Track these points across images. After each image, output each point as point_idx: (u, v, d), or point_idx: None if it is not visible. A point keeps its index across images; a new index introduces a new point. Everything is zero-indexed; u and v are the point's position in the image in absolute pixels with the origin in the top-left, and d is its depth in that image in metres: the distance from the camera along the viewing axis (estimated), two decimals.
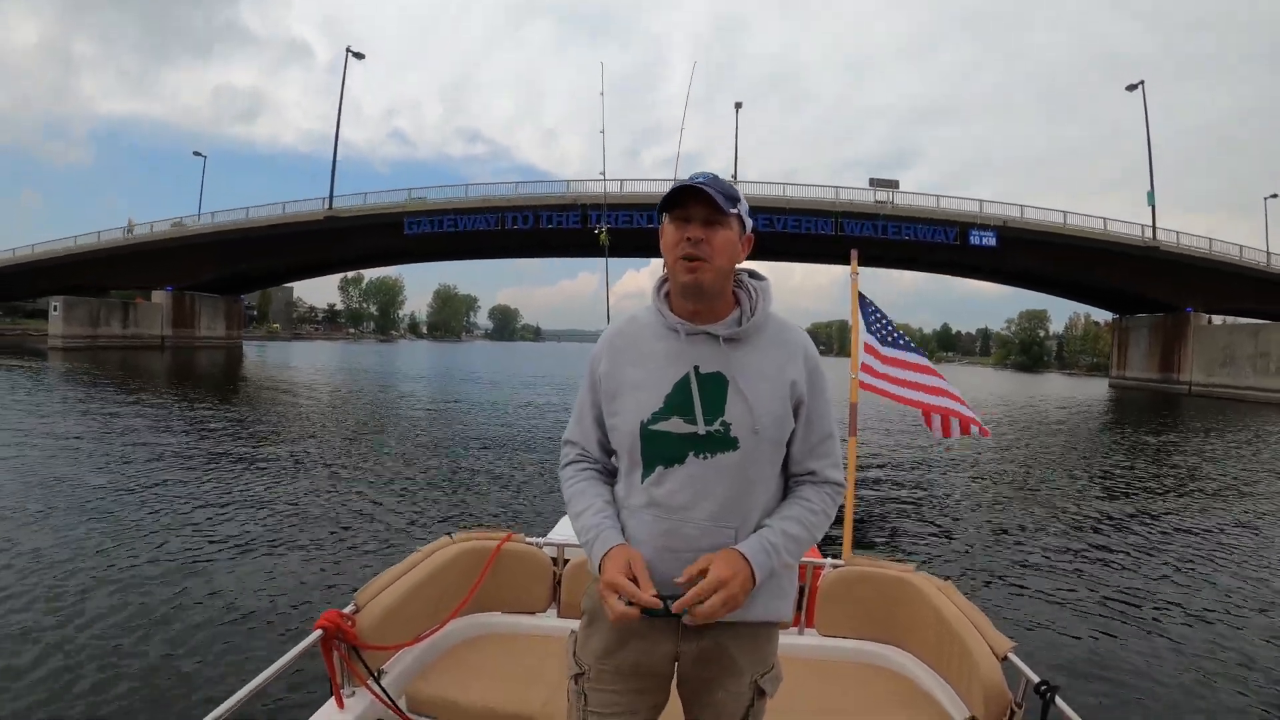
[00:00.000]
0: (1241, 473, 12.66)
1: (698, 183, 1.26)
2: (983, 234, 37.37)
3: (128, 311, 46.16)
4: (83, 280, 44.62)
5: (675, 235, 1.29)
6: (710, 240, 1.27)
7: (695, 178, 1.29)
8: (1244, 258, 40.10)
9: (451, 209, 40.03)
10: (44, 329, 60.87)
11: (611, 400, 1.37)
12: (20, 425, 12.51)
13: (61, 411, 15.04)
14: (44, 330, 60.25)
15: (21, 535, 6.17)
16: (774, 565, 1.27)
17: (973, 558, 6.82)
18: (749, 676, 1.36)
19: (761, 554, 1.25)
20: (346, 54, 45.38)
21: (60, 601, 4.71)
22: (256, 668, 1.82)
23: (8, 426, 12.31)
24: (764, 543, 1.27)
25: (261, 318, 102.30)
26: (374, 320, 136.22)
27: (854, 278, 3.49)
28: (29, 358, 33.17)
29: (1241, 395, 35.68)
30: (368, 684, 1.90)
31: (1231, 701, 4.06)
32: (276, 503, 7.76)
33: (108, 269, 44.42)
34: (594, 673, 1.38)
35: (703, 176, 1.30)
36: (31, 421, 13.12)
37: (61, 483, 8.22)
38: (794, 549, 1.31)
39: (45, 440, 11.08)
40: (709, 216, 1.28)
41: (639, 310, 1.44)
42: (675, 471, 1.29)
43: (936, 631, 2.18)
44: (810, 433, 1.36)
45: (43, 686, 3.62)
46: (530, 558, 2.50)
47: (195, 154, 53.78)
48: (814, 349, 1.40)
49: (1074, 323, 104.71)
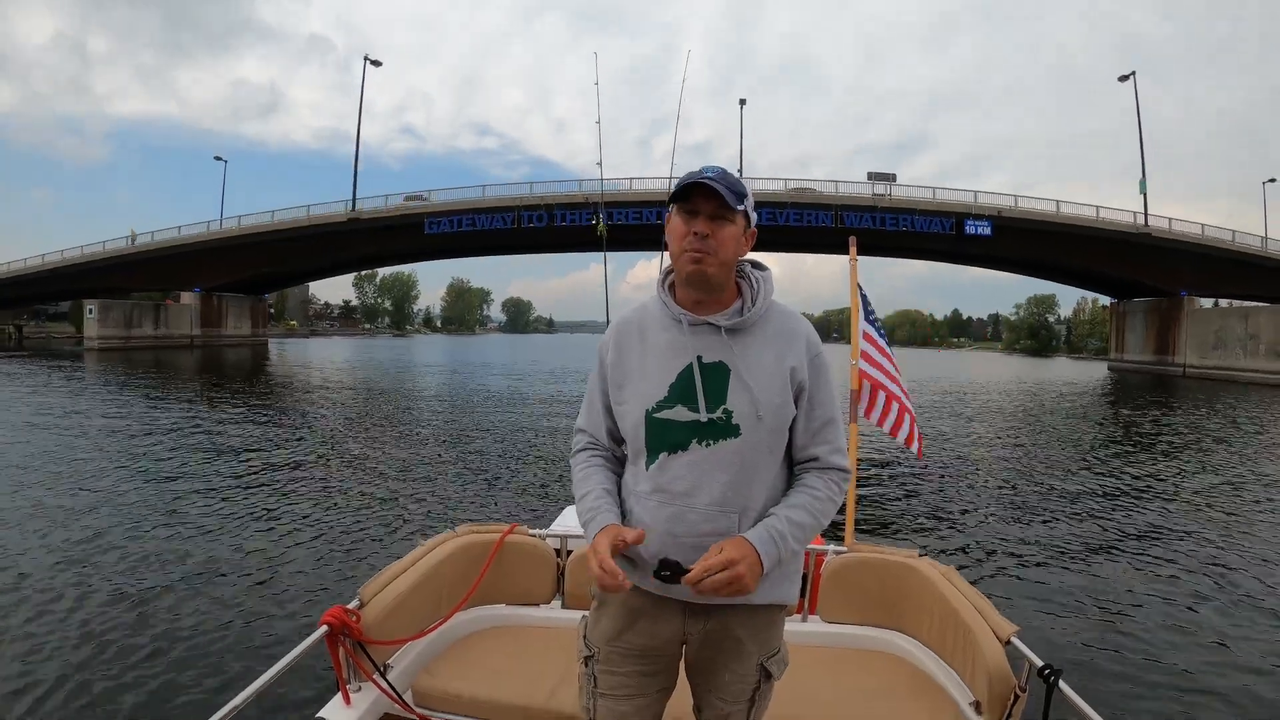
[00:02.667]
0: (1239, 454, 12.73)
1: (706, 178, 1.28)
2: (978, 224, 38.55)
3: (159, 313, 47.71)
4: (110, 284, 45.93)
5: (682, 228, 1.32)
6: (716, 235, 1.30)
7: (705, 171, 1.31)
8: (1236, 242, 41.01)
9: (470, 209, 41.55)
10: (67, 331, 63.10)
11: (618, 389, 1.41)
12: (30, 421, 12.97)
13: (109, 406, 15.68)
14: (67, 333, 62.59)
15: (29, 530, 6.33)
16: (781, 553, 1.29)
17: (976, 543, 6.85)
18: (755, 659, 1.39)
19: (769, 543, 1.27)
20: (364, 63, 47.12)
21: (62, 598, 4.75)
22: (262, 664, 1.84)
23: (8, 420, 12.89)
24: (770, 531, 1.29)
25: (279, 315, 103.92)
26: (389, 315, 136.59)
27: (853, 264, 3.49)
28: (68, 360, 33.90)
29: (1233, 376, 36.68)
30: (374, 679, 1.91)
31: (1236, 681, 4.05)
32: (282, 497, 7.83)
33: (137, 272, 45.86)
34: (603, 655, 1.41)
35: (712, 171, 1.31)
36: (46, 419, 13.39)
37: (71, 481, 8.26)
38: (801, 536, 1.32)
39: (51, 433, 11.52)
40: (716, 212, 1.30)
41: (647, 300, 1.46)
42: (679, 458, 1.32)
43: (940, 617, 2.20)
44: (812, 418, 1.38)
45: (48, 684, 3.63)
46: (534, 549, 2.53)
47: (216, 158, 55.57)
48: (816, 336, 1.41)
49: (1081, 307, 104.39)
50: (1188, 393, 28.48)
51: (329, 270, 56.33)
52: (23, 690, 3.57)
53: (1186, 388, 31.76)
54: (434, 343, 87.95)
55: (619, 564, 1.28)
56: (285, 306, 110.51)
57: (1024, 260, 43.79)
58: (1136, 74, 44.90)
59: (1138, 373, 43.28)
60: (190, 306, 48.68)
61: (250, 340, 52.60)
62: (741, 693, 1.39)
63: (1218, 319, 40.61)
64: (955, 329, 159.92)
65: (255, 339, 53.63)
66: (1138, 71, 44.98)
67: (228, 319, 50.55)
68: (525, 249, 48.36)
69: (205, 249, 44.86)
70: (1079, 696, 1.63)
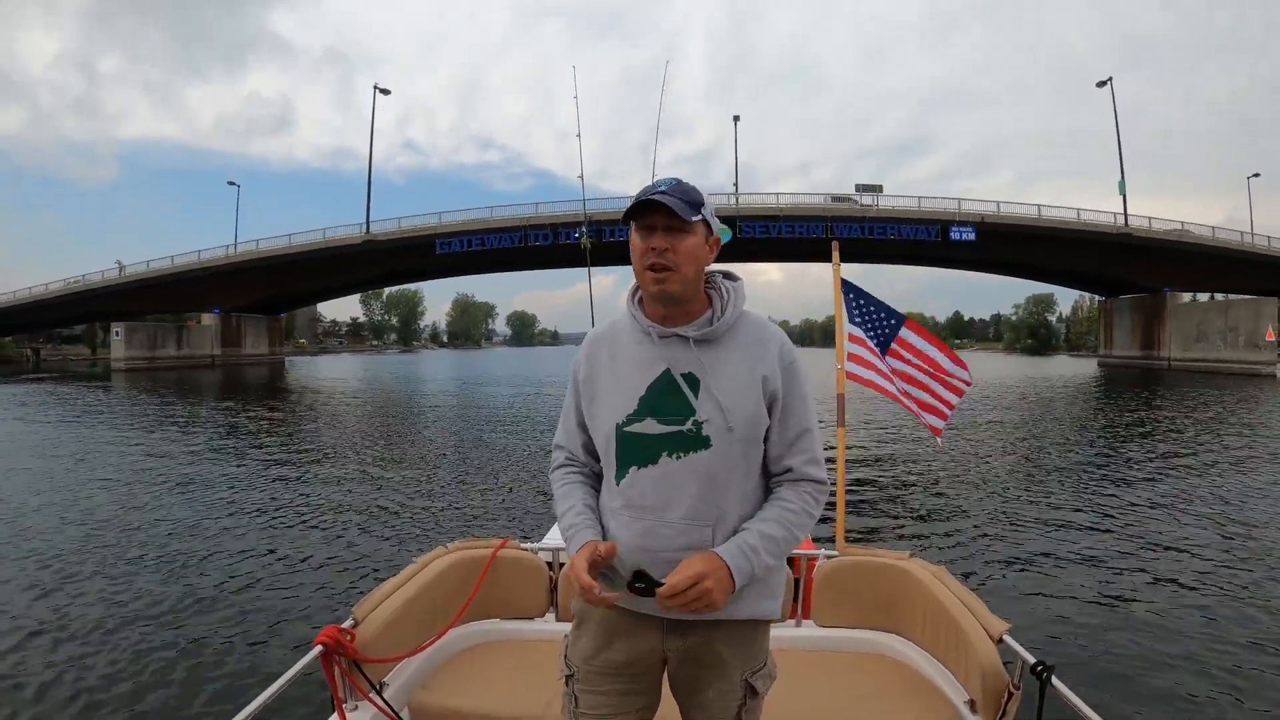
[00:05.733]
0: (1222, 446, 12.87)
1: (658, 192, 1.28)
2: (962, 229, 40.24)
3: (181, 334, 49.54)
4: (128, 307, 46.98)
5: (641, 245, 1.31)
6: (675, 249, 1.29)
7: (658, 185, 1.31)
8: (1216, 238, 42.51)
9: (479, 229, 43.41)
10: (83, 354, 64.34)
11: (590, 403, 1.41)
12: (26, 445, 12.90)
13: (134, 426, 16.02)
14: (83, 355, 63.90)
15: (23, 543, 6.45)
16: (754, 567, 1.27)
17: (965, 542, 6.85)
18: (739, 675, 1.37)
19: (740, 557, 1.25)
20: (374, 91, 49.29)
21: (53, 626, 4.72)
22: (257, 686, 1.81)
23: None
24: (742, 546, 1.27)
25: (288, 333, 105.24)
26: (396, 332, 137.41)
27: (836, 270, 3.52)
28: (97, 381, 34.40)
29: (1215, 368, 38.16)
30: (370, 697, 1.90)
31: (1228, 673, 4.06)
32: (277, 515, 7.85)
33: (157, 295, 47.24)
34: (583, 674, 1.40)
35: (664, 185, 1.31)
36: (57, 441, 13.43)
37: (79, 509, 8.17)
38: (775, 549, 1.30)
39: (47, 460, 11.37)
40: (671, 224, 1.29)
41: (618, 316, 1.46)
42: (648, 472, 1.31)
43: (932, 617, 2.20)
44: (786, 428, 1.36)
45: (42, 707, 3.57)
46: (526, 563, 2.52)
47: (230, 183, 57.25)
48: (790, 345, 1.39)
49: (1079, 305, 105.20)
50: (1172, 385, 29.28)
51: (343, 290, 58.17)
52: (12, 714, 3.55)
53: (1171, 380, 32.72)
54: (441, 358, 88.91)
55: (601, 581, 1.31)
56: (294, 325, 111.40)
57: (1010, 263, 45.40)
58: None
59: (1126, 367, 44.63)
60: (211, 327, 50.49)
61: (268, 359, 54.38)
62: (726, 710, 1.37)
63: (1199, 313, 42.13)
64: (957, 330, 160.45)
65: (273, 357, 55.42)
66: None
67: (246, 338, 52.35)
68: (532, 265, 49.94)
69: (224, 271, 46.48)
70: (1072, 693, 1.64)
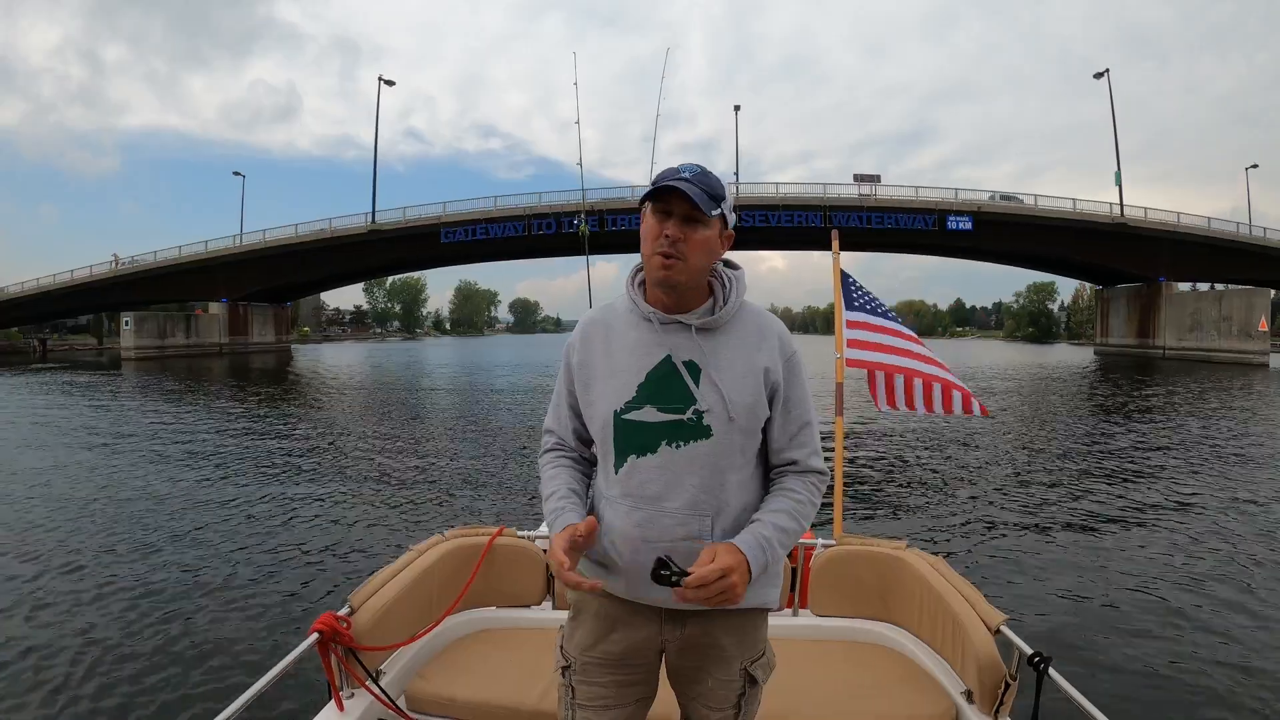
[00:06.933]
0: (1218, 433, 12.93)
1: (681, 179, 1.25)
2: (959, 219, 40.74)
3: (189, 323, 50.03)
4: (134, 297, 47.42)
5: (655, 229, 1.27)
6: (688, 239, 1.26)
7: (682, 170, 1.27)
8: (1211, 228, 42.92)
9: (483, 218, 43.88)
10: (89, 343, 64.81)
11: (586, 389, 1.37)
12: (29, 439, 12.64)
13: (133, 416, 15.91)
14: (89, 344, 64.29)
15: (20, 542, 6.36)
16: (768, 560, 1.27)
17: (963, 532, 6.85)
18: (738, 664, 1.36)
19: (758, 549, 1.24)
20: (379, 83, 49.56)
21: (51, 610, 4.70)
22: (253, 674, 1.93)
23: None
24: (759, 538, 1.26)
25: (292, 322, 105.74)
26: (399, 319, 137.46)
27: (835, 258, 3.51)
28: (105, 370, 34.28)
29: (1208, 356, 38.65)
30: (366, 685, 1.91)
31: (1226, 664, 4.05)
32: (275, 504, 7.82)
33: (164, 285, 47.93)
34: (580, 665, 1.38)
35: (687, 170, 1.27)
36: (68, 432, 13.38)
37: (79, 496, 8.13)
38: (785, 541, 1.30)
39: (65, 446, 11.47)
40: (690, 214, 1.25)
41: (614, 299, 1.42)
42: (647, 460, 1.29)
43: (930, 607, 2.20)
44: (789, 421, 1.35)
45: (39, 695, 3.59)
46: (522, 551, 2.51)
47: (235, 174, 57.88)
48: (789, 337, 1.38)
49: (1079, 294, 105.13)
50: (1167, 373, 29.59)
51: (348, 278, 58.71)
52: (9, 704, 3.55)
53: (1166, 368, 33.01)
54: (444, 345, 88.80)
55: (590, 569, 1.34)
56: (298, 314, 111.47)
57: (1006, 252, 45.74)
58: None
59: (1122, 355, 45.02)
60: (218, 316, 50.95)
61: (275, 347, 54.97)
62: (726, 699, 1.36)
63: (1193, 302, 42.46)
64: (959, 318, 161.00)
65: (280, 345, 56.02)
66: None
67: (254, 327, 52.83)
68: (535, 254, 50.44)
69: (231, 261, 47.09)
70: (1069, 683, 1.63)
